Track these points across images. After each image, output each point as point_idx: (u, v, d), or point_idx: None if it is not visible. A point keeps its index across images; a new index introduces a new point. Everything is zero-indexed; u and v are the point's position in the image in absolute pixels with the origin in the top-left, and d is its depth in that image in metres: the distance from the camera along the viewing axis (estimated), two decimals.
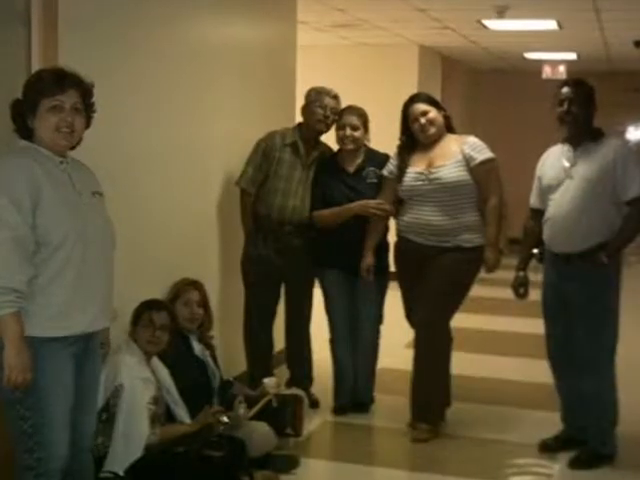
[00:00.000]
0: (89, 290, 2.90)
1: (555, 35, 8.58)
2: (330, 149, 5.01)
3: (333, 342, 4.99)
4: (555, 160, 4.25)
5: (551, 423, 4.56)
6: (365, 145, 4.87)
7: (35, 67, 3.44)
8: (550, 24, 7.90)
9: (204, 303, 4.27)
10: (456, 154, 4.50)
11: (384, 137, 4.98)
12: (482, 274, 4.61)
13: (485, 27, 8.14)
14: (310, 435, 4.63)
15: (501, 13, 7.11)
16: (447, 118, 4.64)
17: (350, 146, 4.79)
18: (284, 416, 4.28)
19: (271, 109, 5.66)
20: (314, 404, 4.98)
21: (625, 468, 4.23)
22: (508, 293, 4.55)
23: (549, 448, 4.44)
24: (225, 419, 3.86)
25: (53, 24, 3.52)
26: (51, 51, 3.50)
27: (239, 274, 5.01)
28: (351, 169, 4.84)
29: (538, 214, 4.33)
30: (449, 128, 4.64)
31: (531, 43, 9.47)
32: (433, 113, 4.55)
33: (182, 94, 4.59)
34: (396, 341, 5.89)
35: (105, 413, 3.49)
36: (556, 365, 4.38)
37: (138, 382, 3.57)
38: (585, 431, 4.30)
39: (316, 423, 4.81)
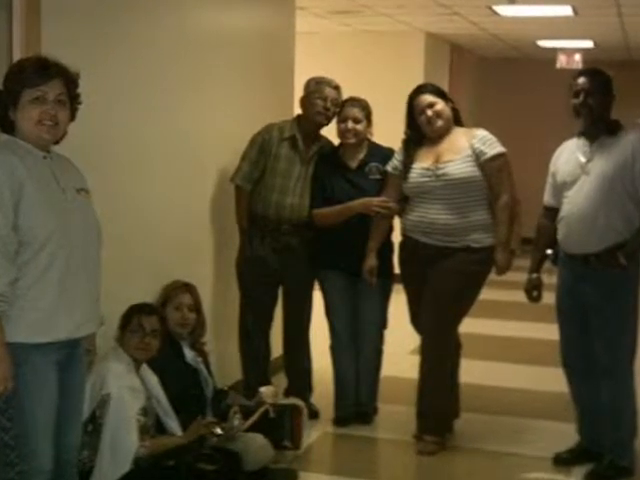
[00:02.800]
0: (74, 293, 2.89)
1: (570, 21, 8.59)
2: (331, 143, 5.01)
3: (334, 348, 4.99)
4: (570, 155, 4.24)
5: (566, 435, 4.55)
6: (368, 139, 4.87)
7: (16, 55, 3.45)
8: (565, 10, 7.91)
9: (197, 307, 4.27)
10: (465, 149, 4.50)
11: (388, 130, 4.97)
12: (492, 276, 4.61)
13: (496, 13, 8.15)
14: (309, 448, 4.62)
15: None
16: (455, 110, 4.63)
17: (352, 140, 4.79)
18: (282, 427, 4.28)
19: (268, 100, 5.66)
20: (314, 414, 4.96)
21: None
22: (520, 296, 4.55)
23: (564, 461, 4.43)
24: (219, 431, 3.86)
25: (36, 9, 3.51)
26: (34, 38, 3.50)
27: (234, 276, 5.01)
28: (353, 164, 4.84)
29: (552, 212, 4.33)
30: (457, 121, 4.64)
31: (545, 30, 9.48)
32: (440, 105, 4.55)
33: (174, 85, 4.59)
34: (401, 347, 5.90)
35: (91, 424, 3.50)
36: (571, 373, 4.38)
37: (126, 391, 3.57)
38: (602, 443, 4.30)
39: (316, 435, 4.81)
